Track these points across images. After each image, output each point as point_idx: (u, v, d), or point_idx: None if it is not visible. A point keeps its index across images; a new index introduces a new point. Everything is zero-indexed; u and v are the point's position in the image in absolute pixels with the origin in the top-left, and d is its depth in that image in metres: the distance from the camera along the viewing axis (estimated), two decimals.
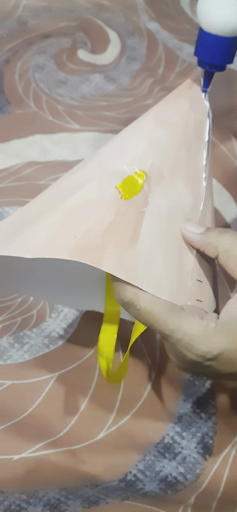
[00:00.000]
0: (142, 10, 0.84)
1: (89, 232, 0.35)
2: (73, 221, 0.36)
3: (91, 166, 0.40)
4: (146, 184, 0.38)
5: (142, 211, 0.37)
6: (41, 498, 0.39)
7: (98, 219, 0.36)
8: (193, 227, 0.38)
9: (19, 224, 0.37)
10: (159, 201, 0.38)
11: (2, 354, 0.48)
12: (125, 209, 0.37)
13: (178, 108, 0.42)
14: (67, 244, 0.34)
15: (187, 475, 0.41)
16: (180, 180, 0.40)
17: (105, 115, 0.69)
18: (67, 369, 0.47)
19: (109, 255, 0.35)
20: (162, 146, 0.40)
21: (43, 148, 0.65)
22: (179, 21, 0.83)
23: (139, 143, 0.40)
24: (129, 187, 0.37)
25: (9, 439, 0.42)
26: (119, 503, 0.39)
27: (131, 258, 0.35)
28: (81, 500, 0.39)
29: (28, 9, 0.83)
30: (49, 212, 0.36)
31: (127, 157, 0.39)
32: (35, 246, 0.34)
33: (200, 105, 0.43)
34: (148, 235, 0.37)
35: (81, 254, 0.34)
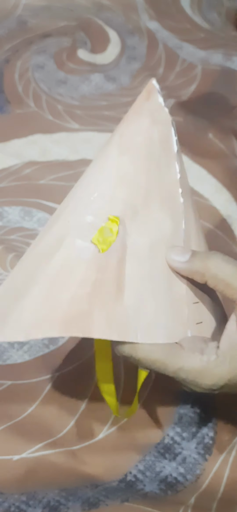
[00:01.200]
0: (142, 10, 0.84)
1: (73, 300, 0.34)
2: (57, 291, 0.35)
3: (65, 219, 0.38)
4: (121, 228, 0.36)
5: (122, 258, 0.36)
6: (41, 500, 0.39)
7: (80, 282, 0.35)
8: (177, 256, 0.37)
9: (8, 302, 0.36)
10: (137, 241, 0.37)
11: (2, 354, 0.48)
12: (105, 263, 0.36)
13: (139, 128, 0.40)
14: (55, 319, 0.34)
15: (187, 475, 0.41)
16: (155, 206, 0.38)
17: (105, 114, 0.69)
18: (67, 370, 0.47)
19: (97, 319, 0.34)
20: (130, 177, 0.38)
21: (43, 147, 0.65)
22: (179, 21, 0.83)
23: (107, 181, 0.38)
24: (104, 238, 0.36)
25: (8, 439, 0.42)
26: (119, 505, 0.39)
27: (120, 314, 0.35)
28: (81, 502, 0.39)
29: (28, 8, 0.83)
30: (33, 282, 0.36)
31: (97, 202, 0.37)
32: (27, 326, 0.34)
33: (161, 115, 0.41)
34: (133, 281, 0.36)
35: (70, 327, 0.34)
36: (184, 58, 0.77)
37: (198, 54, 0.78)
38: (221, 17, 0.84)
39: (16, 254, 0.54)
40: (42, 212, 0.59)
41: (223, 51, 0.78)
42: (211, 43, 0.80)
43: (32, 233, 0.57)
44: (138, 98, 0.42)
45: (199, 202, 0.60)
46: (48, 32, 0.80)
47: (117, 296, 0.35)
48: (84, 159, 0.64)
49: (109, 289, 0.35)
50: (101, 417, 0.44)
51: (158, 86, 0.42)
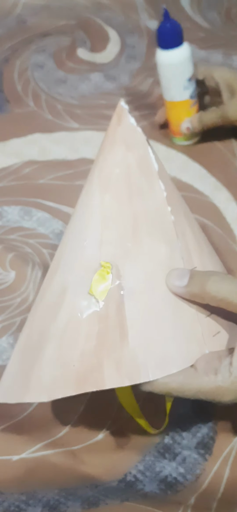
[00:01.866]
0: (142, 9, 0.84)
1: (82, 356, 0.35)
2: (67, 349, 0.36)
3: (62, 270, 0.38)
4: (114, 272, 0.37)
5: (120, 302, 0.36)
6: (41, 499, 0.39)
7: (86, 336, 0.36)
8: (176, 280, 0.37)
9: (29, 363, 0.37)
10: (133, 278, 0.37)
11: (2, 354, 0.48)
12: (105, 311, 0.36)
13: (115, 158, 0.39)
14: (70, 378, 0.35)
15: (187, 475, 0.41)
16: (145, 236, 0.38)
17: (105, 113, 0.69)
18: None
19: (107, 370, 0.35)
20: (115, 213, 0.38)
21: (42, 147, 0.65)
22: (179, 20, 0.83)
23: (94, 225, 0.38)
24: (100, 286, 0.36)
25: (8, 439, 0.42)
26: (119, 504, 0.39)
27: (128, 357, 0.35)
28: (80, 501, 0.39)
29: (27, 7, 0.83)
30: (46, 341, 0.37)
31: (88, 249, 0.38)
32: (47, 388, 0.35)
33: (135, 137, 0.40)
34: (136, 320, 0.36)
35: (84, 384, 0.35)
36: None
37: (198, 54, 0.78)
38: (221, 17, 0.84)
39: (15, 254, 0.54)
40: (42, 212, 0.59)
41: (223, 51, 0.78)
42: (211, 43, 0.80)
43: (32, 232, 0.57)
44: (110, 124, 0.41)
45: (200, 200, 0.60)
46: (47, 31, 0.80)
47: (122, 341, 0.36)
48: (84, 158, 0.64)
49: (113, 337, 0.36)
50: (100, 417, 0.44)
51: (127, 106, 0.41)
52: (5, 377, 0.38)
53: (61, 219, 0.58)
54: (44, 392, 0.35)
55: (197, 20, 0.83)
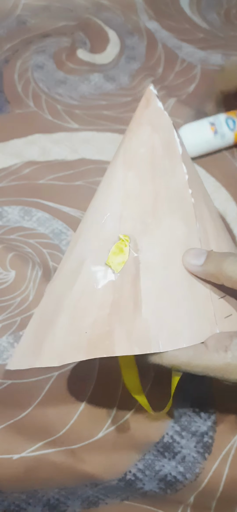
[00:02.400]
0: (142, 10, 0.84)
1: (95, 323, 0.36)
2: (80, 316, 0.37)
3: (82, 242, 0.39)
4: (132, 245, 0.38)
5: (136, 275, 0.37)
6: (41, 499, 0.39)
7: (100, 305, 0.37)
8: (192, 259, 0.37)
9: (43, 329, 0.38)
10: (150, 254, 0.38)
11: (2, 354, 0.48)
12: (121, 283, 0.37)
13: (141, 138, 0.41)
14: (82, 344, 0.36)
15: (187, 474, 0.41)
16: (165, 214, 0.39)
17: (105, 114, 0.69)
18: (67, 369, 0.47)
19: (118, 337, 0.36)
20: (137, 191, 0.39)
21: (42, 147, 0.65)
22: (178, 21, 0.83)
23: (116, 200, 0.39)
24: (117, 258, 0.38)
25: (8, 438, 0.42)
26: (119, 503, 0.39)
27: (140, 328, 0.36)
28: (80, 500, 0.39)
29: (28, 8, 0.83)
30: (61, 309, 0.38)
31: (109, 224, 0.39)
32: (59, 353, 0.36)
33: (162, 120, 0.41)
34: (150, 294, 0.37)
35: (95, 349, 0.36)
36: (183, 58, 0.77)
37: (197, 54, 0.78)
38: (220, 17, 0.84)
39: (15, 254, 0.54)
40: (42, 212, 0.59)
41: (222, 51, 0.78)
42: (210, 43, 0.80)
43: (32, 232, 0.57)
44: (138, 107, 0.42)
45: None
46: (47, 32, 0.80)
47: (135, 312, 0.36)
48: (84, 158, 0.64)
49: (127, 307, 0.36)
50: (100, 416, 0.44)
51: (156, 91, 0.42)
52: (19, 346, 0.39)
53: (61, 219, 0.58)
54: (55, 357, 0.36)
55: (196, 21, 0.83)
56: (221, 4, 0.86)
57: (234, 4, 0.86)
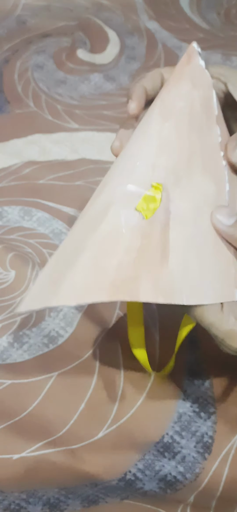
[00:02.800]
0: (142, 10, 0.84)
1: (120, 266, 0.36)
2: (104, 257, 0.36)
3: (111, 186, 0.39)
4: (164, 194, 0.37)
5: (166, 224, 0.37)
6: (41, 498, 0.39)
7: (126, 249, 0.36)
8: (222, 217, 0.37)
9: (61, 268, 0.37)
10: (181, 206, 0.37)
11: (2, 354, 0.48)
12: (150, 229, 0.37)
13: (180, 92, 0.40)
14: (104, 285, 0.35)
15: (187, 474, 0.41)
16: (198, 171, 0.38)
17: (105, 114, 0.69)
18: (67, 368, 0.47)
19: (144, 283, 0.35)
20: (173, 142, 0.39)
21: (42, 147, 0.65)
22: (178, 21, 0.83)
23: (150, 148, 0.39)
24: (148, 204, 0.37)
25: (8, 438, 0.43)
26: (119, 502, 0.39)
27: (166, 277, 0.36)
28: (80, 499, 0.39)
29: (28, 8, 0.83)
30: (82, 249, 0.36)
31: (141, 170, 0.38)
32: (77, 292, 0.35)
33: (202, 78, 0.41)
34: (178, 246, 0.37)
35: (118, 292, 0.35)
36: None
37: None
38: (220, 17, 0.84)
39: (15, 254, 0.54)
40: (42, 212, 0.59)
41: (222, 51, 0.78)
42: (210, 43, 0.80)
43: (32, 232, 0.57)
44: (178, 62, 0.41)
45: None
46: (47, 32, 0.81)
47: (162, 261, 0.36)
48: (84, 158, 0.64)
49: (154, 255, 0.36)
50: (100, 416, 0.44)
51: (200, 48, 0.42)
52: (32, 288, 0.37)
53: (61, 219, 0.58)
54: (73, 296, 0.35)
55: (196, 21, 0.83)
56: (221, 4, 0.86)
57: (234, 4, 0.86)
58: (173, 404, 0.45)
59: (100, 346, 0.48)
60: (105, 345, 0.48)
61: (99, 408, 0.44)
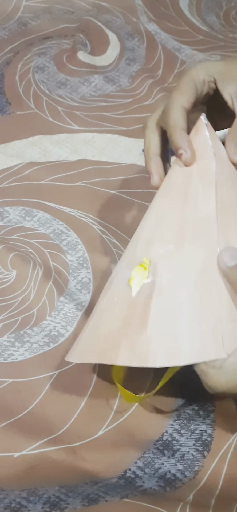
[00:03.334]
0: (141, 12, 0.84)
1: (109, 333, 0.41)
2: (101, 324, 0.42)
3: (119, 263, 0.44)
4: (151, 269, 0.41)
5: (149, 295, 0.40)
6: (41, 496, 0.39)
7: (115, 317, 0.41)
8: (225, 257, 0.39)
9: (82, 330, 0.44)
10: (166, 276, 0.41)
11: (3, 353, 0.48)
12: (135, 300, 0.41)
13: (182, 170, 0.43)
14: (96, 349, 0.41)
15: (186, 472, 0.41)
16: (187, 241, 0.41)
17: (105, 115, 0.70)
18: (67, 367, 0.47)
19: (123, 350, 0.40)
20: (166, 217, 0.42)
21: (43, 148, 0.66)
22: (178, 23, 0.84)
23: (148, 224, 0.43)
24: (137, 278, 0.41)
25: (9, 436, 0.43)
26: (118, 501, 0.39)
27: (143, 343, 0.39)
28: (80, 498, 0.39)
29: (29, 10, 0.83)
30: (93, 315, 0.44)
31: (139, 245, 0.43)
32: (81, 352, 0.42)
33: (205, 148, 0.43)
34: (158, 314, 0.40)
35: (103, 356, 0.41)
36: (183, 60, 0.78)
37: (196, 56, 0.78)
38: (220, 19, 0.85)
39: (16, 254, 0.55)
40: (42, 212, 0.59)
41: (221, 53, 0.79)
42: (210, 45, 0.80)
43: (33, 233, 0.58)
44: (190, 134, 0.44)
45: None
46: (48, 34, 0.81)
47: (141, 328, 0.40)
48: (84, 159, 0.65)
49: (135, 323, 0.40)
50: (100, 415, 0.44)
51: (207, 120, 0.44)
52: (75, 342, 0.45)
53: (61, 219, 0.59)
54: (78, 356, 0.42)
55: (195, 23, 0.84)
56: (220, 6, 0.86)
57: (233, 6, 0.86)
58: (172, 403, 0.45)
59: None
60: None
61: (99, 406, 0.45)
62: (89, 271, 0.54)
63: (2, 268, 0.54)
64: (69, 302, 0.51)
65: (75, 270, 0.54)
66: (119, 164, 0.64)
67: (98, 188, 0.61)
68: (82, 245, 0.56)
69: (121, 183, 0.62)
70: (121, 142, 0.67)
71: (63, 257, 0.55)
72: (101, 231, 0.58)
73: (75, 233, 0.57)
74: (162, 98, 0.70)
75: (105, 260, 0.55)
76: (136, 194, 0.61)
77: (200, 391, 0.44)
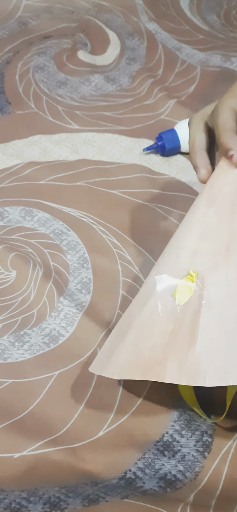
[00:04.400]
0: (142, 11, 0.84)
1: (153, 348, 0.39)
2: (143, 339, 0.40)
3: (157, 271, 0.42)
4: (199, 282, 0.40)
5: (197, 310, 0.39)
6: (41, 496, 0.39)
7: (160, 332, 0.40)
8: None
9: (115, 342, 0.42)
10: (214, 291, 0.39)
11: (3, 353, 0.48)
12: (182, 315, 0.39)
13: (227, 178, 0.42)
14: (139, 364, 0.40)
15: (186, 473, 0.41)
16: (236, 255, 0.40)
17: (105, 115, 0.70)
18: (67, 368, 0.47)
19: (170, 366, 0.39)
20: (214, 228, 0.41)
21: (43, 148, 0.66)
22: (178, 22, 0.84)
23: (192, 235, 0.42)
24: (183, 292, 0.40)
25: (9, 437, 0.43)
26: (119, 501, 0.39)
27: (192, 361, 0.38)
28: (81, 498, 0.39)
29: (29, 9, 0.83)
30: (130, 327, 0.41)
31: (182, 257, 0.41)
32: (120, 368, 0.40)
33: None
34: (207, 330, 0.39)
35: (148, 373, 0.39)
36: (183, 59, 0.78)
37: (197, 56, 0.78)
38: (220, 19, 0.85)
39: (16, 254, 0.54)
40: (43, 212, 0.59)
41: (222, 52, 0.79)
42: (210, 45, 0.80)
43: (33, 233, 0.57)
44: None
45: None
46: (48, 33, 0.81)
47: (190, 345, 0.39)
48: (84, 159, 0.65)
49: (183, 339, 0.39)
50: (101, 415, 0.44)
51: None
52: (99, 353, 0.44)
53: (61, 219, 0.59)
54: (117, 371, 0.40)
55: (196, 22, 0.84)
56: (221, 6, 0.86)
57: (234, 5, 0.86)
58: (173, 403, 0.45)
59: (100, 346, 0.48)
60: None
61: (100, 407, 0.45)
62: (89, 271, 0.54)
63: (2, 268, 0.54)
64: (69, 302, 0.51)
65: (75, 270, 0.54)
66: (119, 164, 0.64)
67: (98, 188, 0.61)
68: (82, 245, 0.56)
69: (121, 183, 0.62)
70: (122, 142, 0.66)
71: (63, 257, 0.55)
72: (101, 231, 0.57)
73: (75, 233, 0.57)
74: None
75: (105, 260, 0.55)
76: (136, 194, 0.61)
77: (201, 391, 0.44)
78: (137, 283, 0.53)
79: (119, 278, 0.53)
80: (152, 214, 0.59)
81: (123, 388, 0.46)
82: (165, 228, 0.57)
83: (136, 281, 0.53)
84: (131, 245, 0.56)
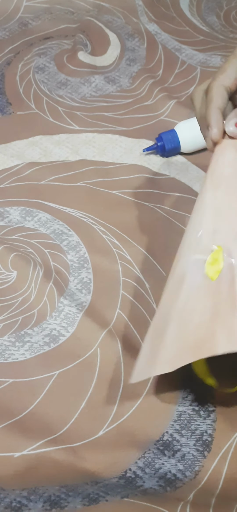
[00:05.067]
0: (142, 12, 0.85)
1: (198, 328, 0.40)
2: (185, 323, 0.41)
3: (183, 260, 0.43)
4: (225, 254, 0.41)
5: (231, 279, 0.41)
6: (42, 495, 0.39)
7: (201, 311, 0.41)
8: None
9: (157, 342, 0.42)
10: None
11: (3, 353, 0.48)
12: (218, 288, 0.41)
13: (227, 160, 0.44)
14: (189, 348, 0.40)
15: (186, 472, 0.42)
16: None
17: (105, 116, 0.70)
18: (68, 367, 0.47)
19: (219, 338, 0.39)
20: (226, 205, 0.43)
21: (43, 149, 0.66)
22: (178, 23, 0.84)
23: (208, 217, 0.43)
24: (213, 267, 0.41)
25: (10, 436, 0.43)
26: (119, 500, 0.39)
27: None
28: (81, 497, 0.39)
29: (29, 10, 0.83)
30: (169, 319, 0.42)
31: (203, 239, 0.43)
32: (170, 359, 0.41)
33: None
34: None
35: (200, 351, 0.40)
36: (183, 60, 0.78)
37: (197, 56, 0.78)
38: (220, 19, 0.85)
39: (17, 254, 0.55)
40: (43, 212, 0.59)
41: (222, 53, 0.79)
42: (210, 45, 0.80)
43: (33, 233, 0.58)
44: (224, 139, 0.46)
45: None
46: (49, 34, 0.81)
47: (233, 312, 0.40)
48: (84, 160, 0.65)
49: (226, 309, 0.40)
50: (101, 415, 0.44)
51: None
52: (138, 362, 0.43)
53: (62, 219, 0.59)
54: (167, 364, 0.41)
55: (196, 23, 0.84)
56: (220, 6, 0.87)
57: (233, 6, 0.87)
58: (173, 403, 0.45)
59: (100, 346, 0.48)
60: (105, 345, 0.48)
61: (100, 406, 0.45)
62: (89, 271, 0.54)
63: (2, 268, 0.54)
64: (69, 302, 0.51)
65: (76, 270, 0.54)
66: (119, 164, 0.64)
67: (99, 188, 0.62)
68: (82, 245, 0.56)
69: (121, 183, 0.62)
70: (122, 142, 0.67)
71: (64, 257, 0.55)
72: (101, 231, 0.58)
73: (75, 233, 0.57)
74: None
75: (105, 260, 0.55)
76: (137, 194, 0.61)
77: (201, 391, 0.44)
78: (137, 283, 0.53)
79: (119, 278, 0.54)
80: (152, 214, 0.59)
81: (123, 388, 0.46)
82: (165, 228, 0.58)
83: (136, 281, 0.53)
84: (131, 245, 0.56)
